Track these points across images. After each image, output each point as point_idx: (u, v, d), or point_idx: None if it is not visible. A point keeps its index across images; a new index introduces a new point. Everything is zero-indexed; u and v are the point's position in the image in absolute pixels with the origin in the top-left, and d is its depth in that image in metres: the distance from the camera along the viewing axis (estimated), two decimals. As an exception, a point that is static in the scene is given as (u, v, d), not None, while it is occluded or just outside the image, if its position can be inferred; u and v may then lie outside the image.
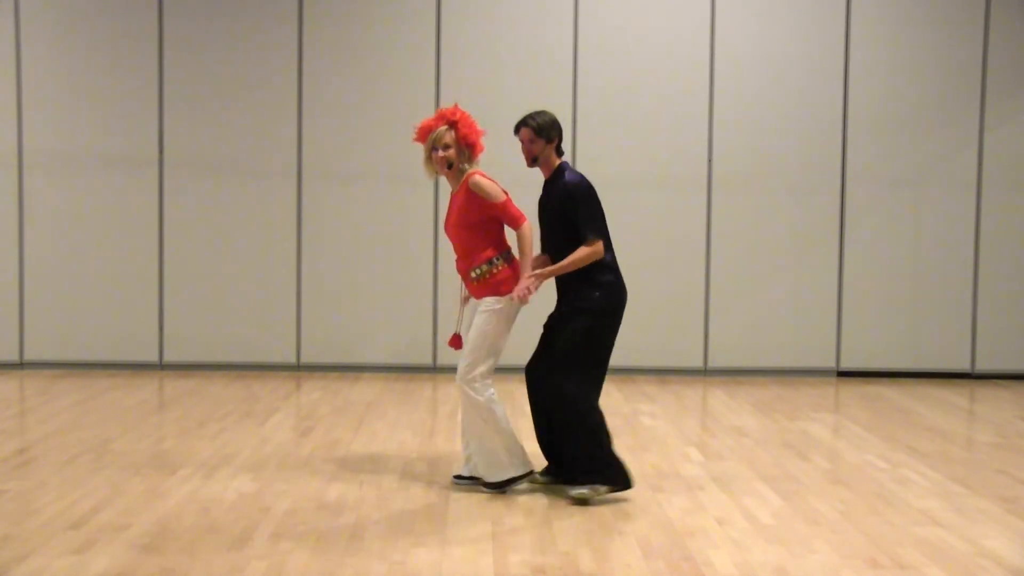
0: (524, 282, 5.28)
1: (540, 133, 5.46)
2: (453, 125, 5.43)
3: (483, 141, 5.52)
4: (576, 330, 5.40)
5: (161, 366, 9.24)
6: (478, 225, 5.39)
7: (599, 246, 5.36)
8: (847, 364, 9.38)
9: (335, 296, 9.22)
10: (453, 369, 9.13)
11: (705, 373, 9.33)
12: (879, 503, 5.36)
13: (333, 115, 9.12)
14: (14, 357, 9.22)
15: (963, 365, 9.41)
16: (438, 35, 9.15)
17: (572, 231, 5.42)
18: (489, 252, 5.40)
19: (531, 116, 5.50)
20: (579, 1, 9.15)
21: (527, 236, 5.32)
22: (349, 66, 9.14)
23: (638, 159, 9.20)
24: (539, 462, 5.74)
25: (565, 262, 5.36)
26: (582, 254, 5.35)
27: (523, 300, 5.31)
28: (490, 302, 5.39)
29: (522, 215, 5.36)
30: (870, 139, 9.27)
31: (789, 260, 9.32)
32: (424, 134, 5.49)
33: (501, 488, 5.46)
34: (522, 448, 5.52)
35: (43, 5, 9.13)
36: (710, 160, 9.24)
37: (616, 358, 9.12)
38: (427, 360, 9.25)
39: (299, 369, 9.28)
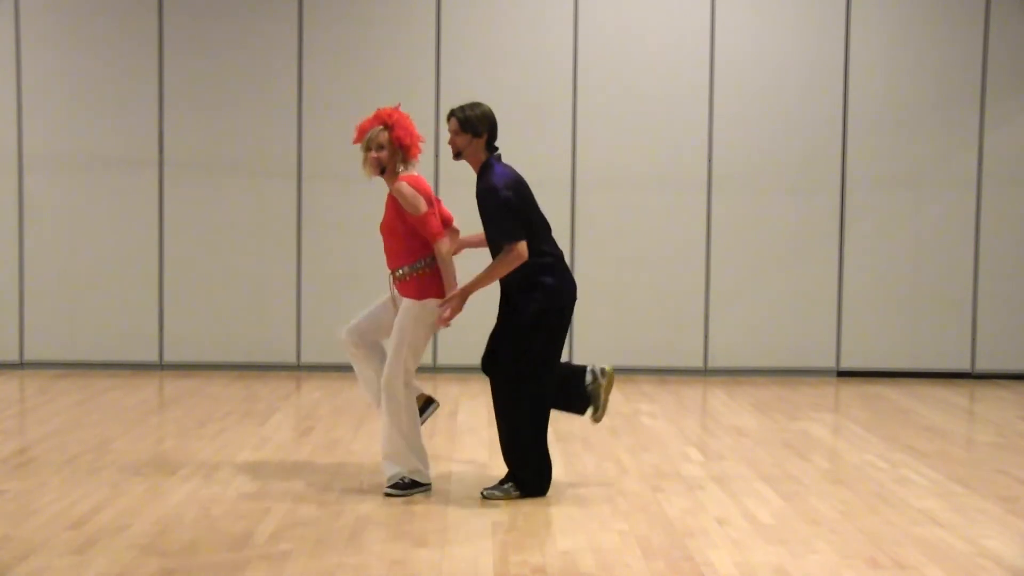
0: (444, 304, 5.24)
1: (465, 126, 5.29)
2: (388, 127, 5.38)
3: (420, 145, 5.47)
4: (519, 338, 5.33)
5: (161, 366, 9.24)
6: (404, 230, 5.36)
7: (518, 249, 5.18)
8: (847, 364, 9.38)
9: (335, 296, 9.22)
10: (454, 369, 9.15)
11: (705, 373, 9.33)
12: (879, 503, 5.36)
13: (333, 115, 9.11)
14: (14, 357, 9.22)
15: (963, 365, 9.40)
16: (438, 35, 9.15)
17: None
18: (411, 256, 5.38)
19: (461, 107, 5.34)
20: (579, 1, 9.14)
21: (441, 254, 5.27)
22: (349, 66, 9.14)
23: (638, 159, 9.20)
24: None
25: (483, 274, 5.24)
26: (499, 263, 5.22)
27: (444, 323, 5.28)
28: (408, 304, 5.38)
29: (440, 231, 5.31)
30: (870, 139, 9.27)
31: (789, 260, 9.32)
32: (361, 135, 5.45)
33: (396, 489, 5.37)
34: (427, 462, 5.47)
35: (43, 5, 9.13)
36: (710, 160, 9.24)
37: (616, 358, 9.20)
38: (427, 360, 9.24)
39: (299, 369, 9.28)
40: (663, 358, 9.33)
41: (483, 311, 6.00)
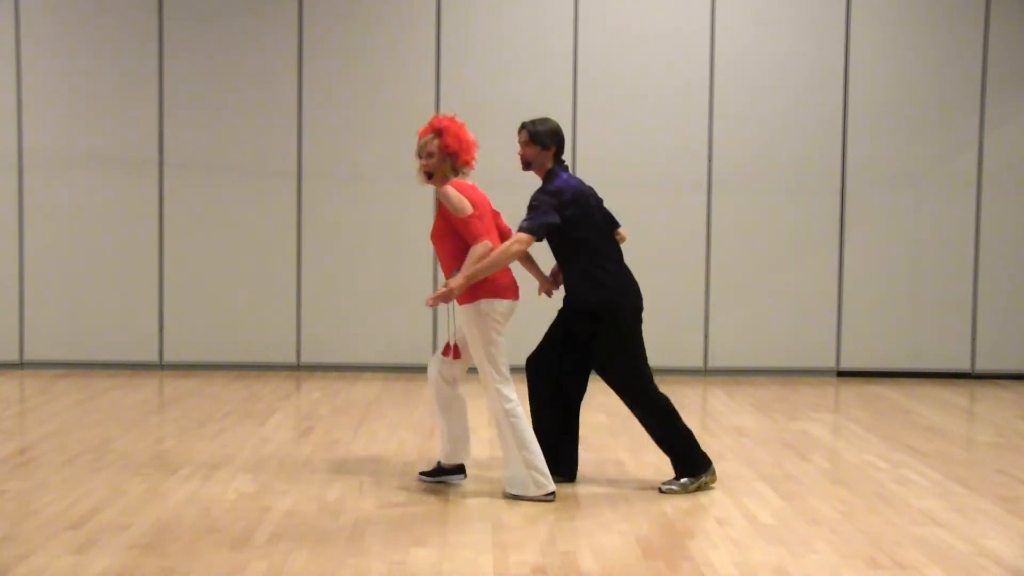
0: (441, 289, 5.25)
1: (535, 139, 5.55)
2: (439, 134, 5.43)
3: (473, 152, 5.48)
4: (618, 350, 5.59)
5: (161, 366, 9.24)
6: (449, 236, 5.40)
7: (520, 239, 5.30)
8: (847, 364, 9.38)
9: (335, 296, 9.22)
10: (453, 369, 9.13)
11: (705, 373, 9.33)
12: (879, 503, 5.36)
13: (333, 115, 9.12)
14: (14, 357, 9.22)
15: (963, 365, 9.41)
16: (438, 35, 9.15)
17: (556, 239, 5.50)
18: (460, 260, 5.38)
19: (532, 121, 5.61)
20: (579, 1, 9.15)
21: (474, 252, 5.26)
22: (349, 66, 9.14)
23: (638, 159, 9.20)
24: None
25: (482, 264, 5.26)
26: (498, 251, 5.28)
27: (429, 303, 5.30)
28: (463, 309, 5.39)
29: (481, 234, 5.29)
30: (870, 139, 9.27)
31: (789, 260, 9.32)
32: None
33: (518, 498, 5.36)
34: (543, 463, 5.36)
35: (43, 5, 9.13)
36: (710, 160, 9.24)
37: (616, 358, 9.20)
38: (427, 360, 9.24)
39: (299, 369, 9.28)
40: (663, 358, 9.31)
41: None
